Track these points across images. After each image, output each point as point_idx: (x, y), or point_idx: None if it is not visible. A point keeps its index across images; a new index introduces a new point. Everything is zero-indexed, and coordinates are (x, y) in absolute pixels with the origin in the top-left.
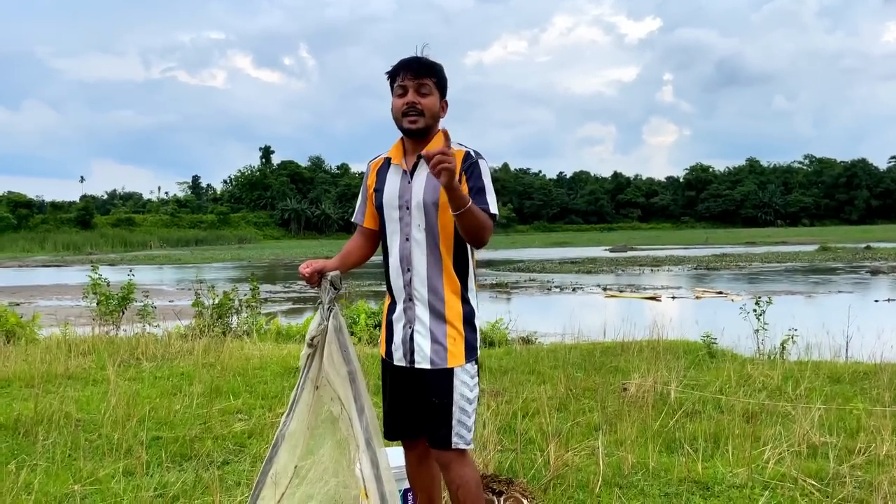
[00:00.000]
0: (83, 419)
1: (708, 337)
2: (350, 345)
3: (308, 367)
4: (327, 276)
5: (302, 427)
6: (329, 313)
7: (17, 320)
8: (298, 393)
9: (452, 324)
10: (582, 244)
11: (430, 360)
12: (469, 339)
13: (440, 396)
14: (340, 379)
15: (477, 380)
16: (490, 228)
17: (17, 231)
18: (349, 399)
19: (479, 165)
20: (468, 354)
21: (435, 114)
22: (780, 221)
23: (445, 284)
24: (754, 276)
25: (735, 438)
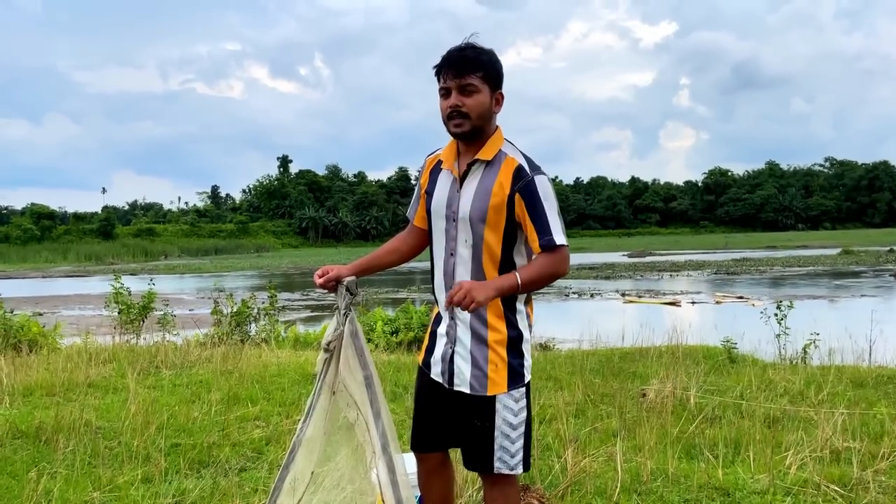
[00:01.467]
0: (103, 427)
1: (728, 342)
2: (366, 350)
3: (325, 372)
4: (343, 281)
5: (318, 433)
6: (345, 318)
7: (40, 330)
8: (315, 398)
9: (495, 349)
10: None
11: (469, 386)
12: (513, 365)
13: (482, 420)
14: (356, 384)
15: (524, 404)
16: (559, 265)
17: (41, 242)
18: (365, 404)
19: (536, 183)
20: (511, 382)
21: (483, 113)
22: (801, 225)
23: (489, 307)
24: (775, 281)
25: (756, 444)
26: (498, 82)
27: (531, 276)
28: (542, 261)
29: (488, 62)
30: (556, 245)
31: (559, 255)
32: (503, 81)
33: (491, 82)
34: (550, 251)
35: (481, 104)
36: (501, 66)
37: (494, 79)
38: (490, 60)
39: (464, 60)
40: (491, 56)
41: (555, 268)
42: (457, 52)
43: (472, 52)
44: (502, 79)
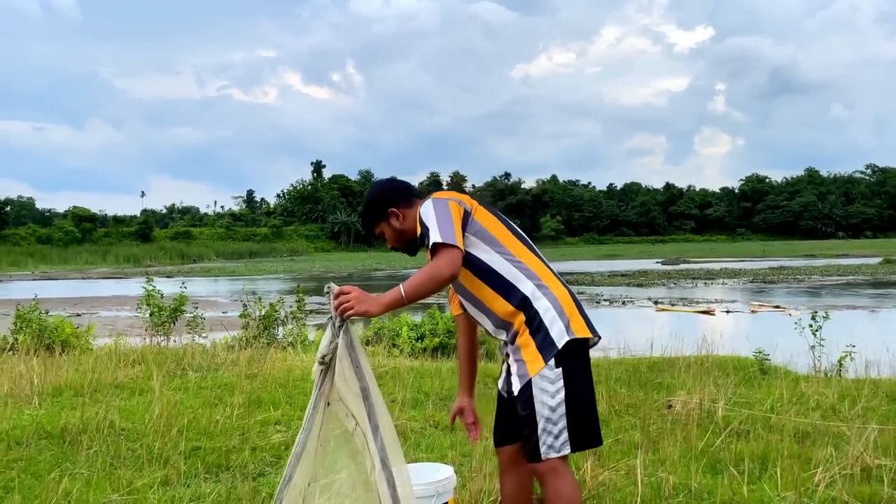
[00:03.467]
0: (127, 428)
1: (760, 353)
2: (363, 361)
3: (321, 383)
4: (332, 289)
5: (315, 445)
6: (339, 330)
7: (73, 331)
8: (312, 410)
9: (521, 334)
10: (633, 256)
11: (519, 380)
12: (538, 339)
13: (524, 408)
14: (353, 396)
15: (561, 384)
16: (436, 265)
17: (81, 244)
18: (363, 416)
19: (421, 206)
20: (545, 353)
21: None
22: (842, 233)
23: (492, 304)
24: (814, 290)
25: (784, 460)
26: (382, 214)
27: (413, 284)
28: (425, 267)
29: (368, 217)
30: (432, 244)
31: (437, 256)
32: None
33: (382, 220)
34: (433, 254)
35: (392, 236)
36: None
37: (379, 217)
38: (367, 215)
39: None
40: (366, 210)
41: (432, 268)
42: None
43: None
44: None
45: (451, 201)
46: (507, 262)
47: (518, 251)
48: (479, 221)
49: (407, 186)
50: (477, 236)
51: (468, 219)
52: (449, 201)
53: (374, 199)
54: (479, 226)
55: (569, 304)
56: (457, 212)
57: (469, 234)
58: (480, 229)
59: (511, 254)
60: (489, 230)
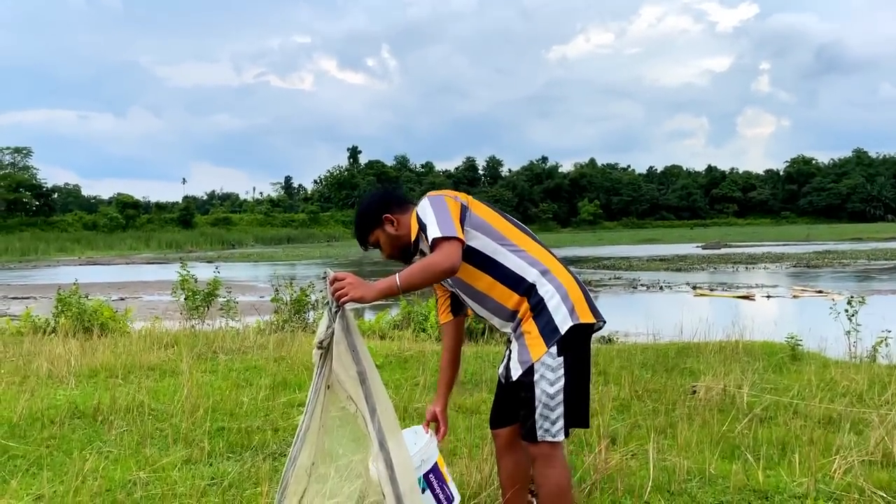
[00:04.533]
0: (156, 409)
1: (793, 338)
2: (360, 344)
3: (321, 366)
4: (329, 274)
5: (317, 426)
6: (336, 315)
7: (112, 314)
8: (314, 393)
9: (525, 321)
10: (672, 241)
11: (519, 366)
12: (541, 324)
13: (525, 390)
14: (351, 380)
15: (562, 373)
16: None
17: (125, 230)
18: (361, 400)
19: (418, 206)
20: (547, 338)
21: (393, 246)
22: (891, 216)
23: (499, 297)
24: (860, 275)
25: (804, 446)
26: (376, 221)
27: (409, 274)
28: (422, 259)
29: (362, 225)
30: (431, 239)
31: (433, 253)
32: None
33: (376, 227)
34: (433, 249)
35: (387, 245)
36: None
37: (374, 224)
38: (361, 223)
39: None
40: (360, 218)
41: (430, 260)
42: None
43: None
44: (378, 211)
45: (447, 197)
46: (510, 251)
47: (519, 240)
48: (478, 214)
49: (400, 193)
50: (477, 229)
51: (466, 213)
52: (445, 197)
53: (367, 207)
54: (478, 218)
55: (574, 289)
56: (454, 206)
57: (469, 228)
58: (480, 222)
59: (513, 244)
60: (489, 222)
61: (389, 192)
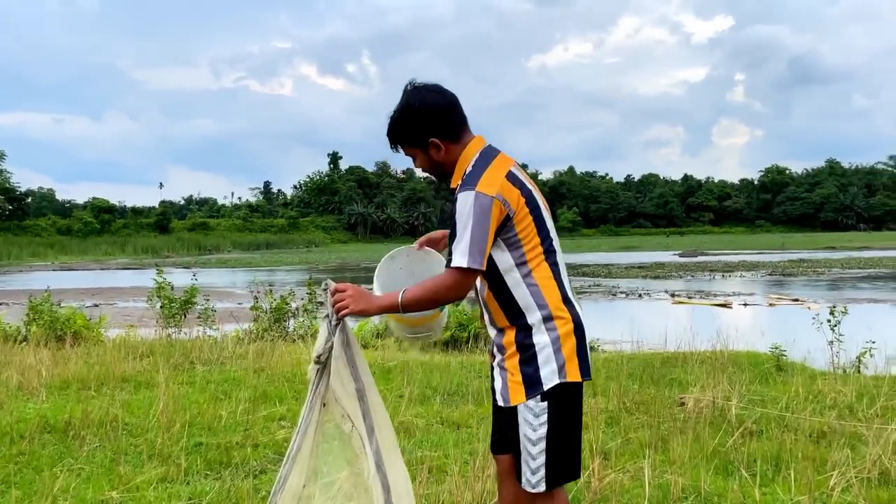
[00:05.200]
0: (130, 423)
1: (777, 348)
2: (359, 359)
3: (317, 383)
4: (330, 286)
5: (309, 446)
6: (335, 328)
7: (85, 322)
8: (308, 410)
9: (510, 357)
10: (650, 248)
11: (501, 397)
12: (526, 372)
13: (512, 430)
14: (348, 396)
15: (544, 419)
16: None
17: (101, 235)
18: (358, 418)
19: (457, 200)
20: (528, 390)
21: (432, 168)
22: (863, 225)
23: (499, 316)
24: (834, 283)
25: (798, 461)
26: (420, 138)
27: (413, 295)
28: (432, 281)
29: (398, 133)
30: (449, 267)
31: (447, 278)
32: (428, 129)
33: (415, 144)
34: (447, 271)
35: (426, 163)
36: (412, 121)
37: (414, 139)
38: (398, 130)
39: (388, 138)
40: (398, 123)
41: (436, 290)
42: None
43: (388, 129)
44: (421, 130)
45: (496, 203)
46: (523, 280)
47: (540, 271)
48: (516, 227)
49: (457, 114)
50: (506, 244)
51: (506, 224)
52: (493, 203)
53: (416, 120)
54: (514, 234)
55: (569, 342)
56: (496, 220)
57: (499, 239)
58: (513, 238)
59: (531, 274)
60: (521, 240)
61: (444, 110)
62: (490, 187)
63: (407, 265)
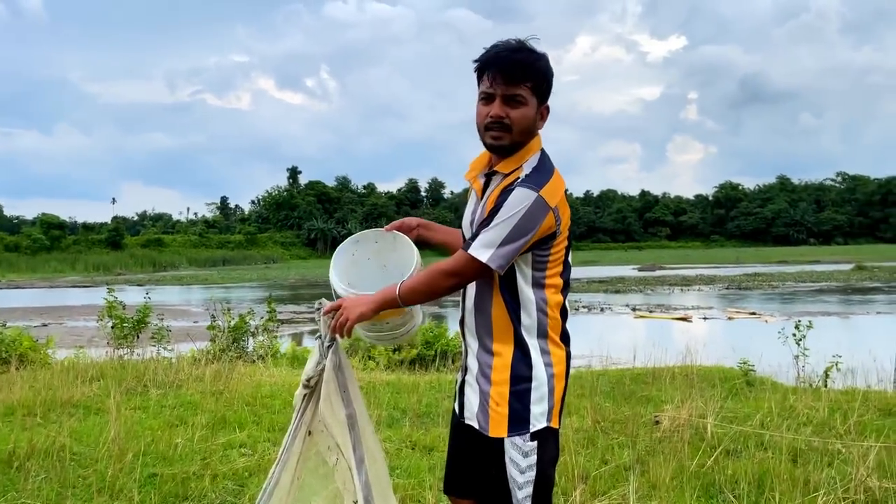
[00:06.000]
0: (79, 453)
1: (745, 363)
2: (352, 384)
3: (302, 409)
4: (324, 305)
5: (289, 479)
6: (328, 350)
7: (32, 344)
8: (290, 439)
9: (497, 384)
10: (610, 263)
11: (476, 420)
12: (515, 409)
13: (496, 468)
14: (338, 424)
15: (533, 460)
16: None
17: (50, 252)
18: (348, 447)
19: (513, 193)
20: (513, 426)
21: (527, 128)
22: (813, 240)
23: (494, 331)
24: (788, 297)
25: (782, 482)
26: (547, 94)
27: (411, 285)
28: (435, 266)
29: (543, 72)
30: (466, 251)
31: (457, 263)
32: (550, 93)
33: (540, 94)
34: (460, 251)
35: (526, 118)
36: (553, 76)
37: (545, 91)
38: (544, 69)
39: (515, 66)
40: (545, 63)
41: (437, 278)
42: (508, 52)
43: (526, 56)
44: (550, 90)
45: (551, 216)
46: (537, 305)
47: (554, 298)
48: (552, 248)
49: None
50: (535, 259)
51: (548, 241)
52: (549, 216)
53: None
54: (548, 253)
55: (560, 388)
56: (542, 232)
57: (532, 252)
58: (545, 257)
59: (546, 300)
60: (550, 262)
61: None
62: (553, 197)
63: (376, 254)
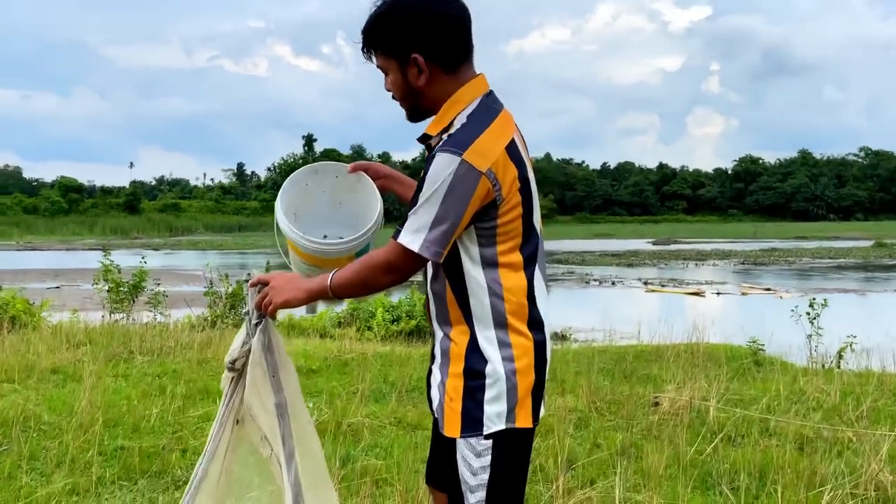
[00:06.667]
0: (49, 422)
1: (755, 342)
2: (284, 368)
3: (230, 396)
4: (252, 275)
5: (217, 472)
6: (255, 328)
7: (25, 307)
8: (217, 429)
9: (452, 377)
10: (625, 236)
11: (437, 413)
12: (468, 406)
13: (451, 464)
14: (266, 413)
15: (487, 461)
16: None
17: (68, 215)
18: (276, 440)
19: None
20: (466, 426)
21: (408, 92)
22: (833, 216)
23: (451, 317)
24: (804, 273)
25: (786, 473)
26: (401, 47)
27: (345, 278)
28: (368, 259)
29: (375, 31)
30: (396, 239)
31: (387, 256)
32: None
33: (392, 53)
34: (391, 243)
35: (397, 85)
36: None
37: (393, 46)
38: (376, 28)
39: (363, 39)
40: (380, 19)
41: (372, 271)
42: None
43: (367, 24)
44: (405, 36)
45: (485, 181)
46: (488, 290)
47: (511, 279)
48: (499, 219)
49: (460, 34)
50: (479, 235)
51: (489, 211)
52: (481, 182)
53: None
54: (493, 225)
55: (526, 382)
56: (478, 202)
57: (473, 227)
58: (490, 231)
59: (500, 281)
60: (499, 236)
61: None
62: (483, 158)
63: (333, 189)
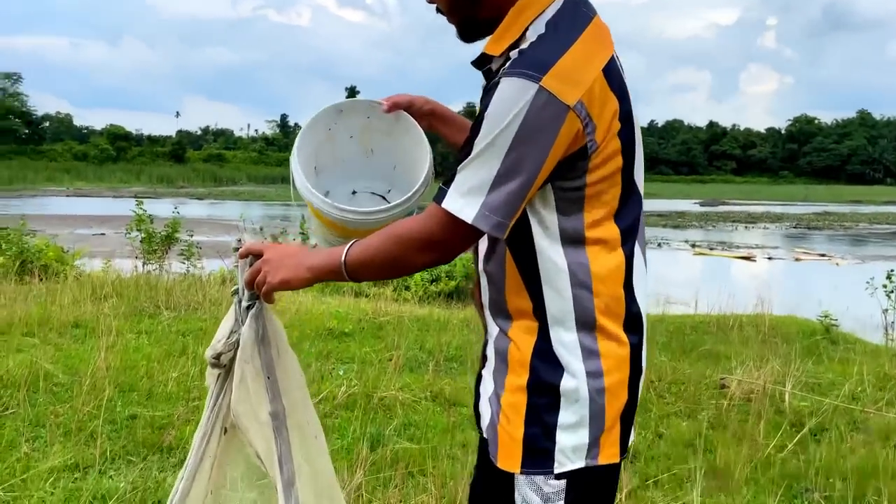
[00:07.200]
0: (62, 383)
1: (827, 317)
2: (282, 366)
3: (217, 397)
4: (242, 242)
5: (204, 490)
6: (247, 313)
7: (58, 255)
8: (200, 440)
9: (511, 390)
10: (671, 196)
11: (488, 434)
12: (533, 434)
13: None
14: (259, 425)
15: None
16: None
17: (116, 163)
18: (272, 461)
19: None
20: (529, 459)
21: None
22: (890, 179)
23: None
24: (860, 239)
25: (890, 482)
26: None
27: (364, 253)
28: (399, 228)
29: None
30: (439, 204)
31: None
32: None
33: None
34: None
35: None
36: None
37: None
38: None
39: None
40: None
41: (405, 244)
42: None
43: None
44: None
45: (572, 118)
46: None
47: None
48: (589, 173)
49: None
50: (560, 198)
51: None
52: (568, 118)
53: None
54: (581, 182)
55: (618, 403)
56: (562, 148)
57: (554, 185)
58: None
59: (586, 262)
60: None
61: None
62: (571, 85)
63: (363, 133)
